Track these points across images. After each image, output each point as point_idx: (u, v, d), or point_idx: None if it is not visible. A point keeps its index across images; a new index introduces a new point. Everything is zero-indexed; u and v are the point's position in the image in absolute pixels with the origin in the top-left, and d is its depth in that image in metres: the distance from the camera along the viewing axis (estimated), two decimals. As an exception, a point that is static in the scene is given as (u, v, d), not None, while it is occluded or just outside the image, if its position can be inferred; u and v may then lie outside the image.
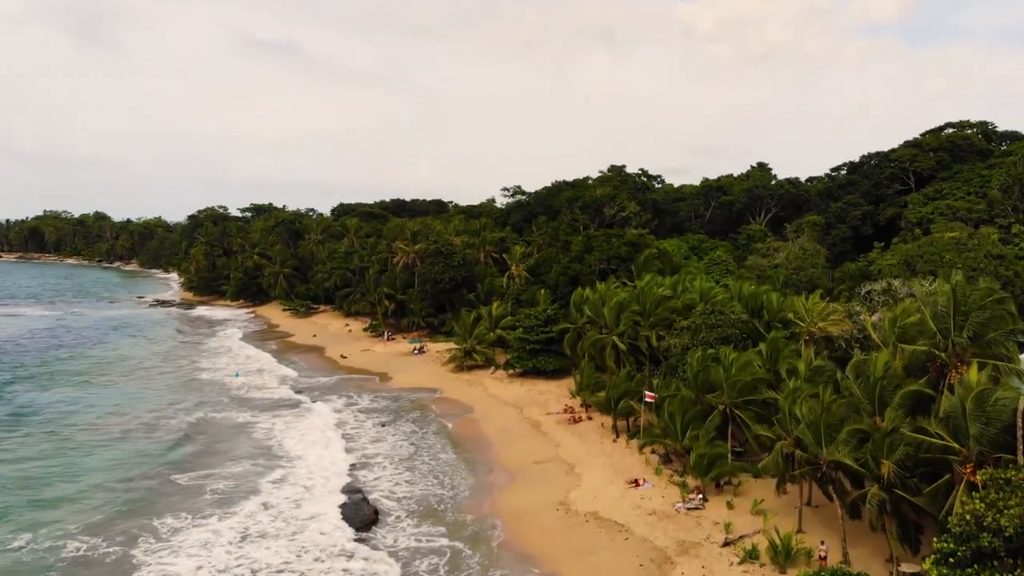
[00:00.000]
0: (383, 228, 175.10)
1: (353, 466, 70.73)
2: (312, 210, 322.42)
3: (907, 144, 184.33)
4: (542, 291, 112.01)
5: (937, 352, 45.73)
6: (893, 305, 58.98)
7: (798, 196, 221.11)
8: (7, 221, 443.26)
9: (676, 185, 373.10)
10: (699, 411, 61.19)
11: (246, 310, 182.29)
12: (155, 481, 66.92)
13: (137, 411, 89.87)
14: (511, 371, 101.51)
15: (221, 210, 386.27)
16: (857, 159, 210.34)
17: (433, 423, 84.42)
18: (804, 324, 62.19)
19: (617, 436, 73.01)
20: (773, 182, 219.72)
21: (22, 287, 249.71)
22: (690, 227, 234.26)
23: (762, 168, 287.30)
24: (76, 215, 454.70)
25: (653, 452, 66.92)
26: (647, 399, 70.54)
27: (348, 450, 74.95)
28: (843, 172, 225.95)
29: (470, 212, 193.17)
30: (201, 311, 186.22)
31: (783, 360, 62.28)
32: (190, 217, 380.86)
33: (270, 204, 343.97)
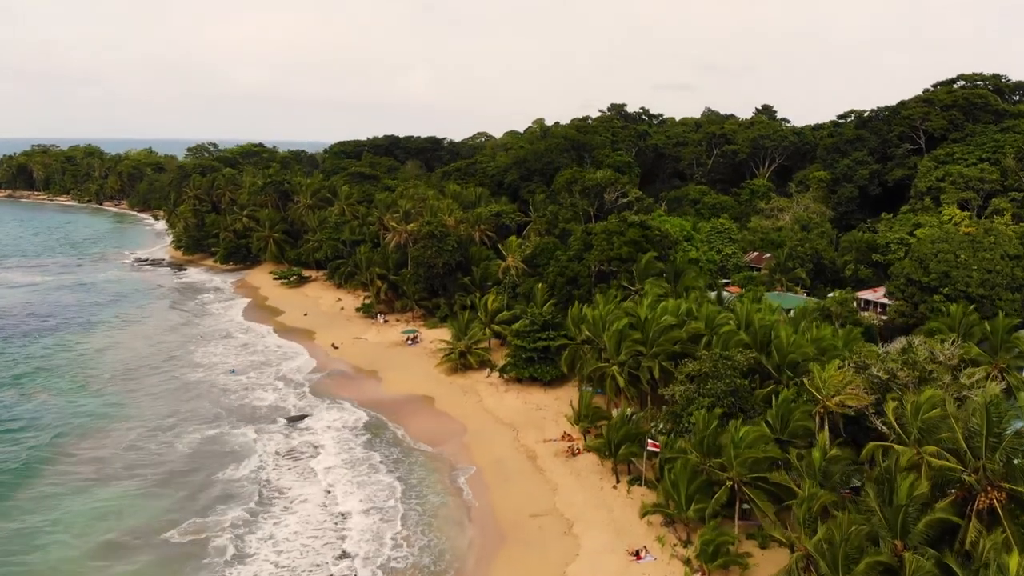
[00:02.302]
0: (374, 193, 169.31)
1: (343, 515, 68.12)
2: (303, 153, 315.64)
3: (918, 100, 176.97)
4: (539, 285, 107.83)
5: (966, 478, 42.14)
6: (917, 390, 55.06)
7: (803, 146, 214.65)
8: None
9: (678, 119, 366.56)
10: (705, 481, 57.97)
11: (235, 276, 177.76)
12: (141, 541, 64.10)
13: (121, 434, 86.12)
14: (506, 376, 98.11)
15: (212, 147, 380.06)
16: (866, 112, 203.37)
17: (422, 455, 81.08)
18: (820, 397, 58.33)
19: (617, 481, 70.02)
20: (778, 132, 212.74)
21: (9, 239, 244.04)
22: (692, 175, 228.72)
23: (767, 113, 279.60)
24: (68, 145, 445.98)
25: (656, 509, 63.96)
26: (650, 447, 67.39)
27: (335, 505, 71.38)
28: (850, 119, 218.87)
29: (466, 171, 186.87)
30: (191, 276, 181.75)
31: (795, 424, 58.79)
32: (188, 149, 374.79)
33: (261, 146, 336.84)
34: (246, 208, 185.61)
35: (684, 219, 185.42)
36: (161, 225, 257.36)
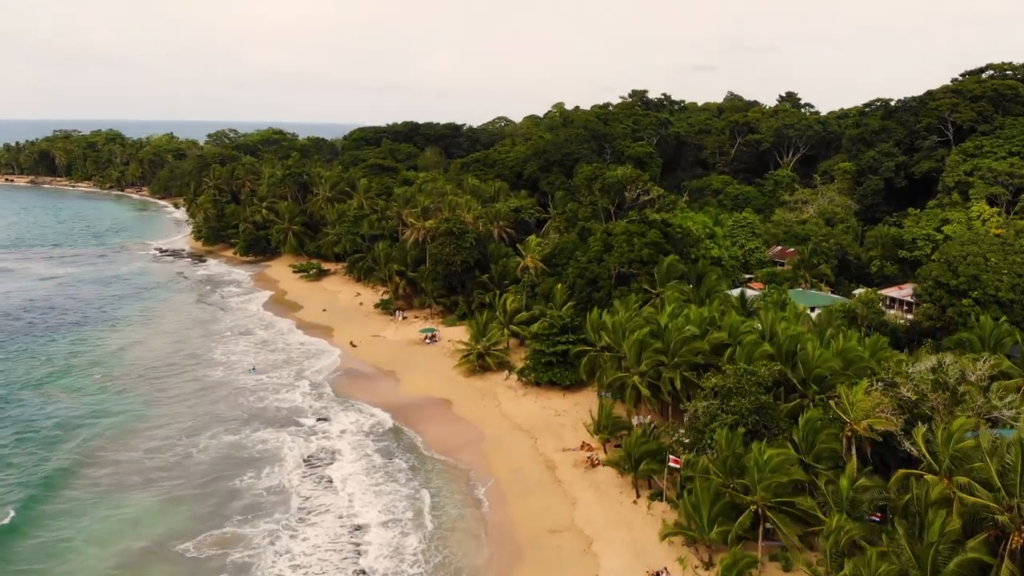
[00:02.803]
0: (393, 186, 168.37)
1: (361, 528, 67.75)
2: (322, 140, 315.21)
3: (946, 90, 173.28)
4: (559, 286, 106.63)
5: (999, 517, 40.81)
6: (947, 413, 53.53)
7: (828, 136, 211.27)
8: (17, 143, 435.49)
9: (700, 103, 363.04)
10: (728, 503, 56.85)
11: (255, 269, 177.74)
12: (158, 553, 63.99)
13: (140, 441, 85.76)
14: (525, 379, 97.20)
15: (232, 133, 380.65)
16: (892, 101, 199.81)
17: (439, 464, 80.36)
18: (848, 421, 56.88)
19: (638, 495, 69.06)
20: (802, 122, 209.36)
21: (34, 227, 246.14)
22: (714, 164, 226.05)
23: (791, 101, 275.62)
24: (89, 127, 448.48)
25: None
26: (671, 464, 66.36)
27: (352, 516, 70.84)
28: (877, 107, 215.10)
29: (485, 162, 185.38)
30: (211, 268, 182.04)
31: (821, 445, 57.49)
32: (209, 136, 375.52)
33: (280, 133, 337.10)
34: (265, 200, 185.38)
35: (707, 209, 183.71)
36: (181, 214, 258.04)
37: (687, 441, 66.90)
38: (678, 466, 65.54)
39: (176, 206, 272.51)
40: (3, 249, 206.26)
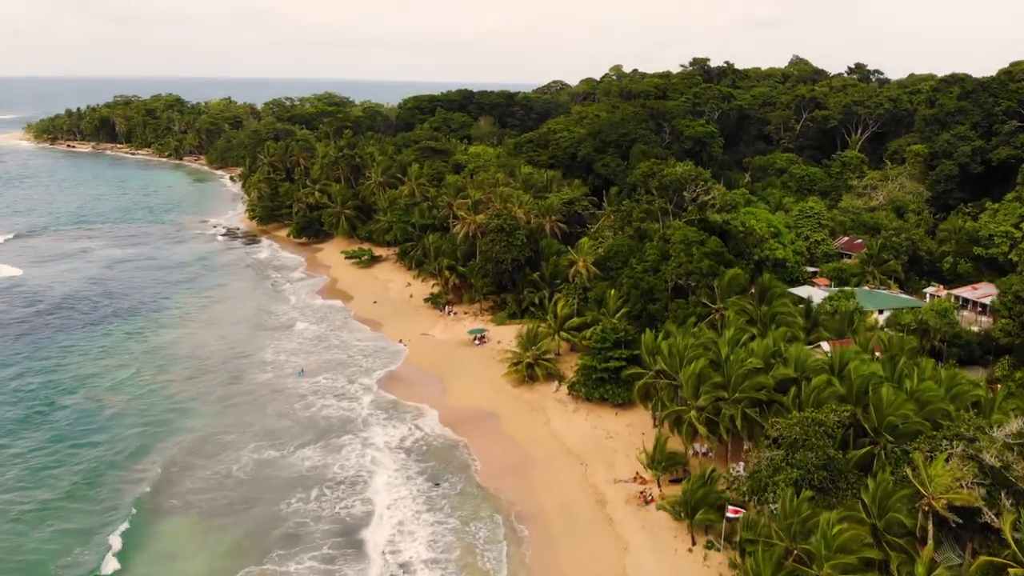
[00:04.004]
0: (444, 172, 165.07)
1: (404, 567, 65.87)
2: (377, 112, 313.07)
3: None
4: (612, 292, 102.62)
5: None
6: None
7: (899, 112, 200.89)
8: (78, 109, 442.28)
9: (763, 68, 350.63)
10: (791, 572, 53.14)
11: (307, 253, 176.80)
12: None
13: (179, 455, 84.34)
14: (575, 393, 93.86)
15: (288, 101, 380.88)
16: (972, 76, 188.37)
17: (484, 492, 77.73)
18: (926, 494, 52.31)
19: (693, 542, 65.53)
20: (872, 99, 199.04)
21: (93, 200, 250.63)
22: (779, 139, 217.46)
23: (860, 73, 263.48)
24: (151, 86, 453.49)
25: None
26: (731, 514, 62.74)
27: (396, 553, 68.66)
28: (951, 81, 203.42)
29: (539, 142, 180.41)
30: (264, 251, 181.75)
31: (893, 513, 53.23)
32: (266, 104, 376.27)
33: (336, 106, 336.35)
34: (318, 182, 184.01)
35: (769, 191, 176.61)
36: (237, 188, 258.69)
37: (747, 488, 63.09)
38: (738, 516, 61.95)
39: (232, 179, 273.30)
40: (67, 227, 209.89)
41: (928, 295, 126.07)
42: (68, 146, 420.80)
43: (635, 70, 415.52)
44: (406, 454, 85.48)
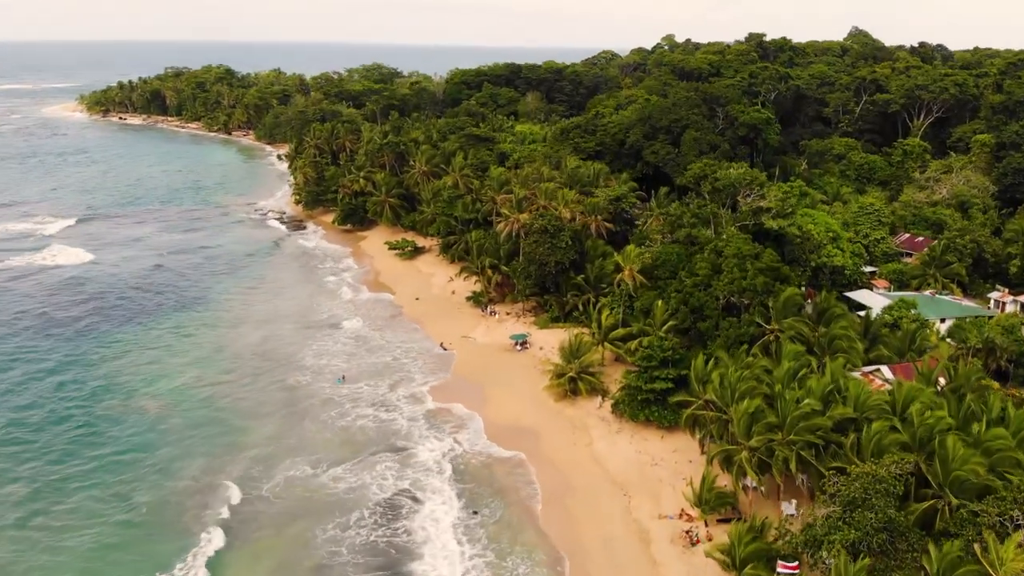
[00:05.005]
0: (489, 161, 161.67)
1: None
2: (424, 89, 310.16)
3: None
4: (659, 302, 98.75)
5: None
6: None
7: (964, 97, 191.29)
8: (130, 82, 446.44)
9: (820, 40, 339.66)
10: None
11: (351, 243, 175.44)
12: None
13: (208, 475, 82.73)
14: (619, 412, 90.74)
15: (336, 75, 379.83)
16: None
17: (524, 524, 75.23)
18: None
19: (741, 594, 62.60)
20: (937, 83, 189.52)
21: (143, 178, 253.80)
22: (837, 121, 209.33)
23: (924, 53, 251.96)
24: (207, 54, 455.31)
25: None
26: (781, 569, 59.52)
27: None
28: (1019, 62, 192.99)
29: (586, 128, 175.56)
30: (309, 239, 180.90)
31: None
32: (313, 79, 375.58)
33: (383, 82, 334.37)
34: (363, 168, 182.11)
35: (826, 180, 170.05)
36: (284, 166, 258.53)
37: (800, 542, 59.67)
38: (790, 571, 58.75)
39: (280, 157, 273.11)
40: (121, 208, 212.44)
41: (993, 300, 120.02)
42: (120, 119, 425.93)
43: (688, 40, 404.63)
44: (445, 475, 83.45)
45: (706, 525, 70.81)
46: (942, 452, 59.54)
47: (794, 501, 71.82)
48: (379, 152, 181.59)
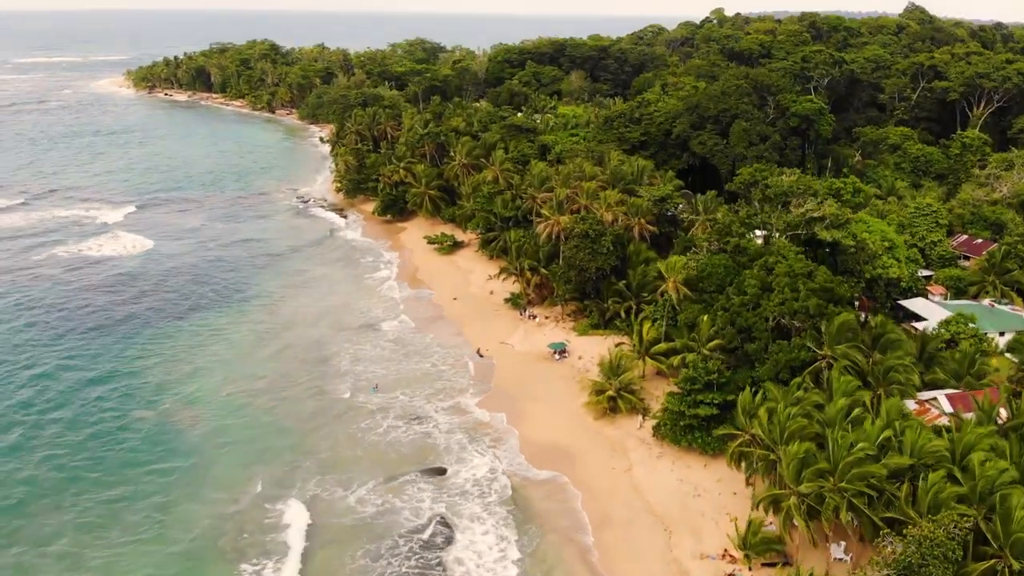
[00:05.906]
0: (530, 154, 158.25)
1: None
2: (466, 69, 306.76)
3: None
4: (704, 317, 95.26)
5: None
6: None
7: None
8: (176, 58, 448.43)
9: (875, 15, 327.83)
10: None
11: (391, 235, 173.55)
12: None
13: (241, 497, 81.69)
14: (660, 435, 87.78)
15: (378, 53, 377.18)
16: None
17: (561, 558, 72.88)
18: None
19: (785, 651, 59.99)
20: (999, 72, 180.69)
21: (186, 160, 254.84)
22: (892, 108, 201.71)
23: (985, 39, 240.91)
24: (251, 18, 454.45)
25: None
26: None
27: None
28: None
29: (631, 117, 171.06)
30: (349, 229, 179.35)
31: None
32: (357, 56, 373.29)
33: (426, 62, 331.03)
34: (403, 159, 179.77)
35: (880, 172, 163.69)
36: (326, 149, 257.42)
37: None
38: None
39: (322, 140, 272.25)
40: (166, 193, 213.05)
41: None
42: (165, 94, 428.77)
43: (737, 14, 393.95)
44: (480, 499, 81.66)
45: (750, 569, 68.03)
46: (1003, 511, 55.92)
47: (843, 543, 68.60)
48: (419, 142, 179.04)
